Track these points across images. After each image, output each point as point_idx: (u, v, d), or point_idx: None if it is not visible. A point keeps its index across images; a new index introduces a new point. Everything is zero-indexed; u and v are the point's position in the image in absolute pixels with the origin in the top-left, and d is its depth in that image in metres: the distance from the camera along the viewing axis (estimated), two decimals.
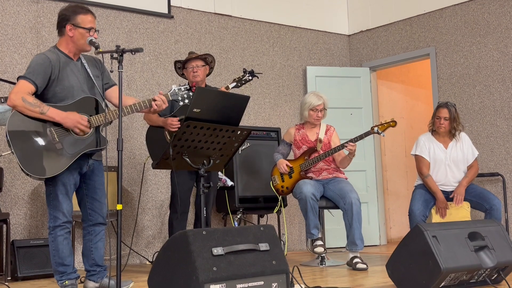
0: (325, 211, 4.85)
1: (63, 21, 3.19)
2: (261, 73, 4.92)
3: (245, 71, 4.27)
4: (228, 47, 5.95)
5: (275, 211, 5.03)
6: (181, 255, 2.44)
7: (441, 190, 4.56)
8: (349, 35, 6.86)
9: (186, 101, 3.33)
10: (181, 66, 4.39)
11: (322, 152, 4.58)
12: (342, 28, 6.84)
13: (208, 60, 4.36)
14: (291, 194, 4.74)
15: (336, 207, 4.55)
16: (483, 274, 3.07)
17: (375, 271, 4.10)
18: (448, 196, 4.59)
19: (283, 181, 4.70)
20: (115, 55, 2.91)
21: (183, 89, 3.34)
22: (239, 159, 5.27)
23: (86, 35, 3.16)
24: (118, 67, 2.90)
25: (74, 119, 3.07)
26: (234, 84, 4.25)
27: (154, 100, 3.23)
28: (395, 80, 7.13)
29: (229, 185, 5.10)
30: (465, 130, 5.44)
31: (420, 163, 4.64)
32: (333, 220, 5.35)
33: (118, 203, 2.77)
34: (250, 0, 6.14)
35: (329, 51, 6.70)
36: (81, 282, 3.42)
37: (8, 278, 4.13)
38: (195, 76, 4.26)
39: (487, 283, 3.09)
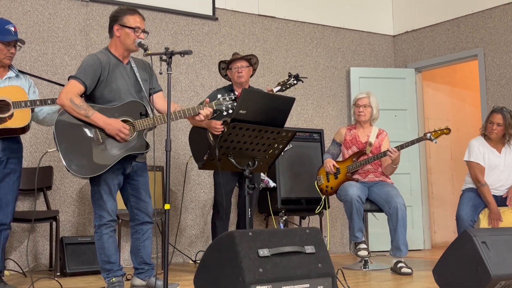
0: (369, 214, 4.78)
1: (112, 23, 3.28)
2: (306, 77, 4.86)
3: (290, 75, 4.23)
4: (272, 49, 5.96)
5: (317, 211, 5.00)
6: (228, 256, 2.45)
7: (492, 195, 4.45)
8: (394, 36, 6.77)
9: (230, 111, 3.34)
10: (225, 67, 4.41)
11: (370, 155, 4.52)
12: (386, 29, 6.74)
13: (252, 61, 4.36)
14: (334, 196, 4.70)
15: (380, 210, 4.49)
16: None
17: (420, 276, 4.03)
18: (498, 199, 4.47)
19: (328, 181, 4.67)
20: (164, 57, 2.95)
21: (228, 99, 3.36)
22: (282, 160, 5.26)
23: (131, 35, 3.21)
24: (167, 69, 2.94)
25: (116, 127, 3.12)
26: (279, 88, 4.20)
27: (199, 112, 3.27)
28: (441, 81, 6.98)
29: (271, 186, 5.10)
30: None
31: (475, 169, 4.48)
32: (377, 223, 5.28)
33: (166, 203, 2.81)
34: (293, 1, 6.13)
35: (373, 52, 6.62)
36: (127, 280, 3.48)
37: (57, 274, 4.25)
38: (239, 77, 4.27)
39: None
